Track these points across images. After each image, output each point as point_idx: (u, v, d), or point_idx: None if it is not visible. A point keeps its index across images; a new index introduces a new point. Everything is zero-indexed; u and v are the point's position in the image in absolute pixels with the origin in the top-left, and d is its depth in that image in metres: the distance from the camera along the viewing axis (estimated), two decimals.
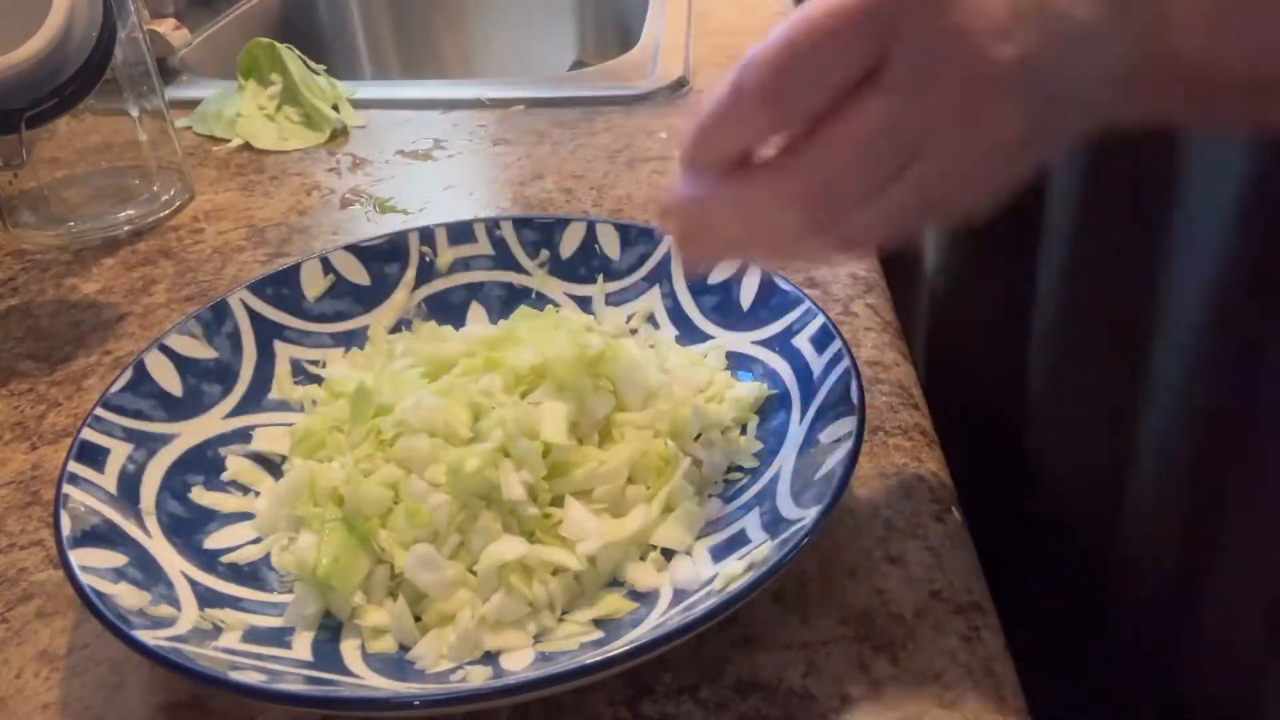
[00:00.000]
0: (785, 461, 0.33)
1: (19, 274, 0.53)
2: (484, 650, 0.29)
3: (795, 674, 0.29)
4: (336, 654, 0.29)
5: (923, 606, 0.31)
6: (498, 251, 0.44)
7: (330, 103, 0.69)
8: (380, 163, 0.63)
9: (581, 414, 0.34)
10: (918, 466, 0.36)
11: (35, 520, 0.36)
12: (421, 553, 0.30)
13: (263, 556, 0.33)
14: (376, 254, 0.43)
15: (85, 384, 0.43)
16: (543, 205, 0.56)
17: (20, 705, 0.29)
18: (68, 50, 0.43)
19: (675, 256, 0.42)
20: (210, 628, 0.28)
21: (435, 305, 0.43)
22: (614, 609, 0.30)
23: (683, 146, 0.27)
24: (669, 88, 0.72)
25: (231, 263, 0.52)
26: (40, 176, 0.57)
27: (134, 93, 0.57)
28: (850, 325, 0.44)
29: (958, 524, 0.34)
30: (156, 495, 0.33)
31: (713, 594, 0.28)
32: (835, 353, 0.35)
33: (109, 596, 0.27)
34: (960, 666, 0.29)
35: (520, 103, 0.71)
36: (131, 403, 0.35)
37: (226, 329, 0.39)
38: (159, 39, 0.73)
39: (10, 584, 0.33)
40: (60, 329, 0.48)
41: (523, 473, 0.31)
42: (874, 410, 0.39)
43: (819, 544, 0.33)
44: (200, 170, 0.63)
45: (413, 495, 0.31)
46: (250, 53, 0.70)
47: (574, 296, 0.43)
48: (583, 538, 0.31)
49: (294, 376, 0.39)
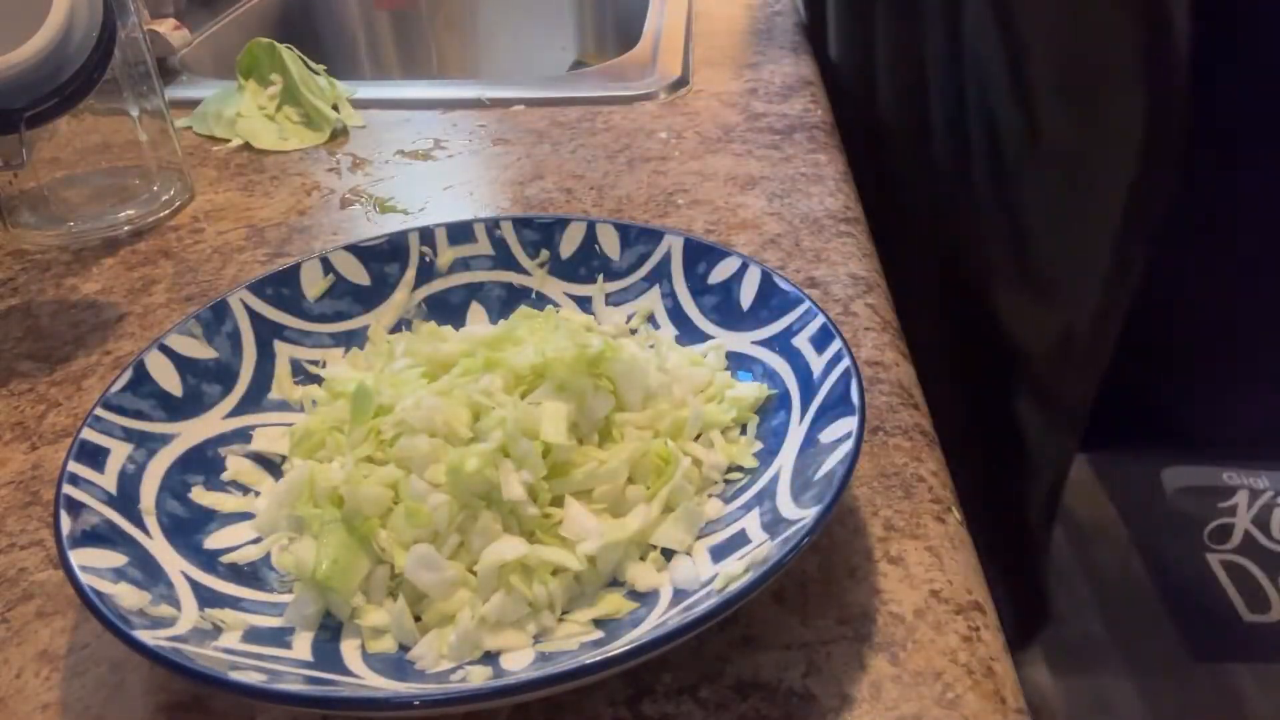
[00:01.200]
0: (785, 461, 0.33)
1: (19, 274, 0.53)
2: (484, 650, 0.29)
3: (795, 674, 0.29)
4: (336, 654, 0.29)
5: (923, 606, 0.31)
6: (498, 251, 0.44)
7: (330, 103, 0.69)
8: (380, 163, 0.63)
9: (581, 414, 0.34)
10: (918, 466, 0.36)
11: (35, 520, 0.36)
12: (421, 553, 0.30)
13: (263, 556, 0.33)
14: (376, 254, 0.43)
15: (85, 384, 0.43)
16: (543, 205, 0.56)
17: (20, 705, 0.29)
18: (68, 50, 0.43)
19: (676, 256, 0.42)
20: (210, 628, 0.28)
21: (435, 305, 0.43)
22: (614, 609, 0.30)
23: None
24: (669, 88, 0.72)
25: (231, 263, 0.52)
26: (40, 176, 0.57)
27: (134, 93, 0.57)
28: (850, 325, 0.44)
29: (958, 524, 0.34)
30: (156, 495, 0.33)
31: (713, 594, 0.28)
32: (835, 353, 0.35)
33: (109, 596, 0.27)
34: (960, 666, 0.29)
35: (520, 103, 0.71)
36: (131, 403, 0.35)
37: (226, 329, 0.39)
38: (159, 39, 0.73)
39: (10, 584, 0.33)
40: (60, 329, 0.48)
41: (523, 473, 0.31)
42: (874, 410, 0.39)
43: (819, 544, 0.33)
44: (200, 170, 0.63)
45: (413, 495, 0.31)
46: (250, 53, 0.70)
47: (574, 296, 0.43)
48: (583, 538, 0.31)
49: (294, 376, 0.39)
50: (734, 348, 0.39)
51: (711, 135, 0.64)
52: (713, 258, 0.41)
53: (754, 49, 0.80)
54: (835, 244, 0.51)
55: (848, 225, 0.53)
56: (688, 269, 0.42)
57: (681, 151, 0.62)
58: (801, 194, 0.56)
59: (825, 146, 0.62)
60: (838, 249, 0.50)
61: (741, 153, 0.62)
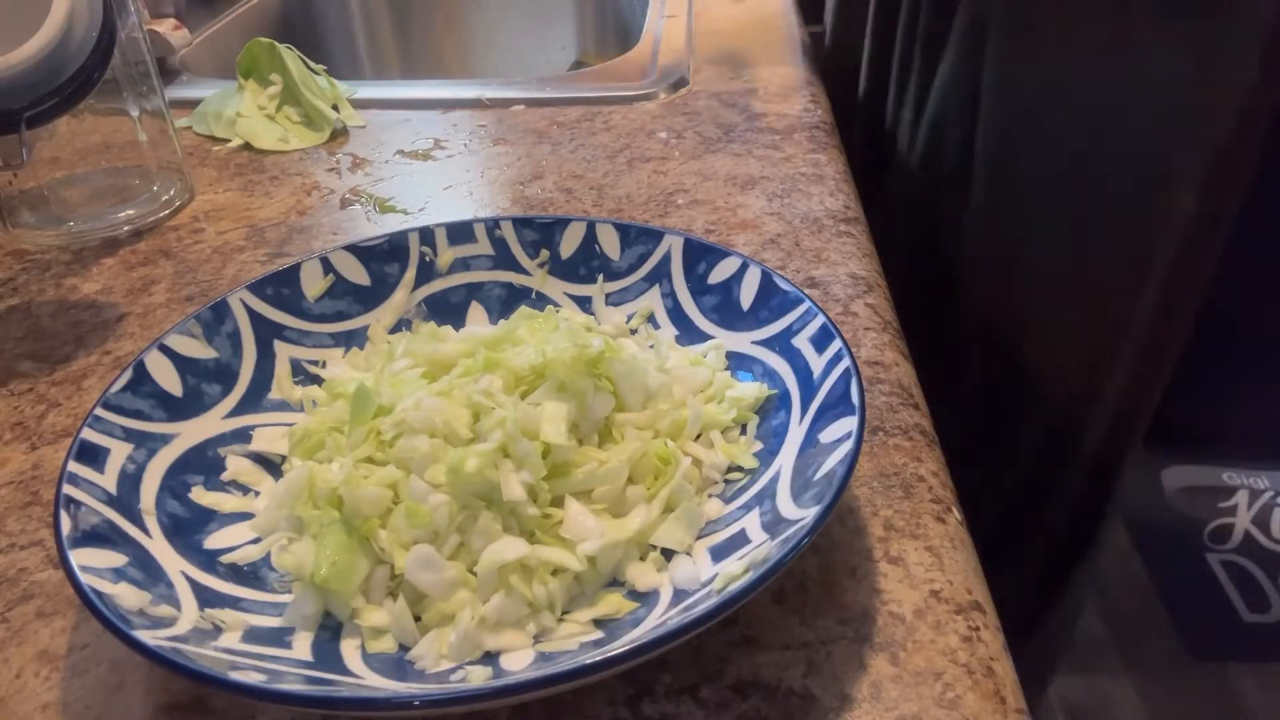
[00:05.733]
0: (785, 461, 0.33)
1: (19, 274, 0.53)
2: (484, 650, 0.29)
3: (795, 674, 0.29)
4: (336, 654, 0.29)
5: (923, 606, 0.31)
6: (498, 251, 0.44)
7: (330, 103, 0.69)
8: (380, 163, 0.63)
9: (581, 414, 0.34)
10: (918, 466, 0.36)
11: (35, 520, 0.36)
12: (421, 553, 0.30)
13: (263, 556, 0.33)
14: (376, 254, 0.43)
15: (85, 384, 0.43)
16: (543, 205, 0.56)
17: (20, 705, 0.29)
18: (68, 50, 0.43)
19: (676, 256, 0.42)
20: (210, 628, 0.28)
21: (435, 305, 0.43)
22: (614, 609, 0.30)
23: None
24: (669, 88, 0.72)
25: (231, 263, 0.52)
26: (40, 176, 0.57)
27: (134, 93, 0.57)
28: (850, 325, 0.44)
29: (958, 524, 0.34)
30: (156, 495, 0.33)
31: (713, 594, 0.28)
32: (835, 353, 0.35)
33: (109, 596, 0.27)
34: (960, 666, 0.29)
35: (520, 103, 0.71)
36: (131, 403, 0.35)
37: (226, 329, 0.39)
38: (159, 39, 0.73)
39: (10, 584, 0.33)
40: (60, 329, 0.48)
41: (523, 473, 0.31)
42: (874, 410, 0.39)
43: (819, 544, 0.33)
44: (200, 170, 0.63)
45: (413, 495, 0.31)
46: (250, 53, 0.70)
47: (574, 296, 0.43)
48: (583, 538, 0.31)
49: (294, 377, 0.39)
50: (734, 348, 0.39)
51: (711, 135, 0.64)
52: (713, 258, 0.41)
53: (754, 49, 0.80)
54: (835, 244, 0.51)
55: (848, 225, 0.53)
56: (688, 269, 0.42)
57: (681, 151, 0.62)
58: (801, 194, 0.56)
59: (825, 146, 0.62)
60: (838, 249, 0.50)
61: (741, 153, 0.62)
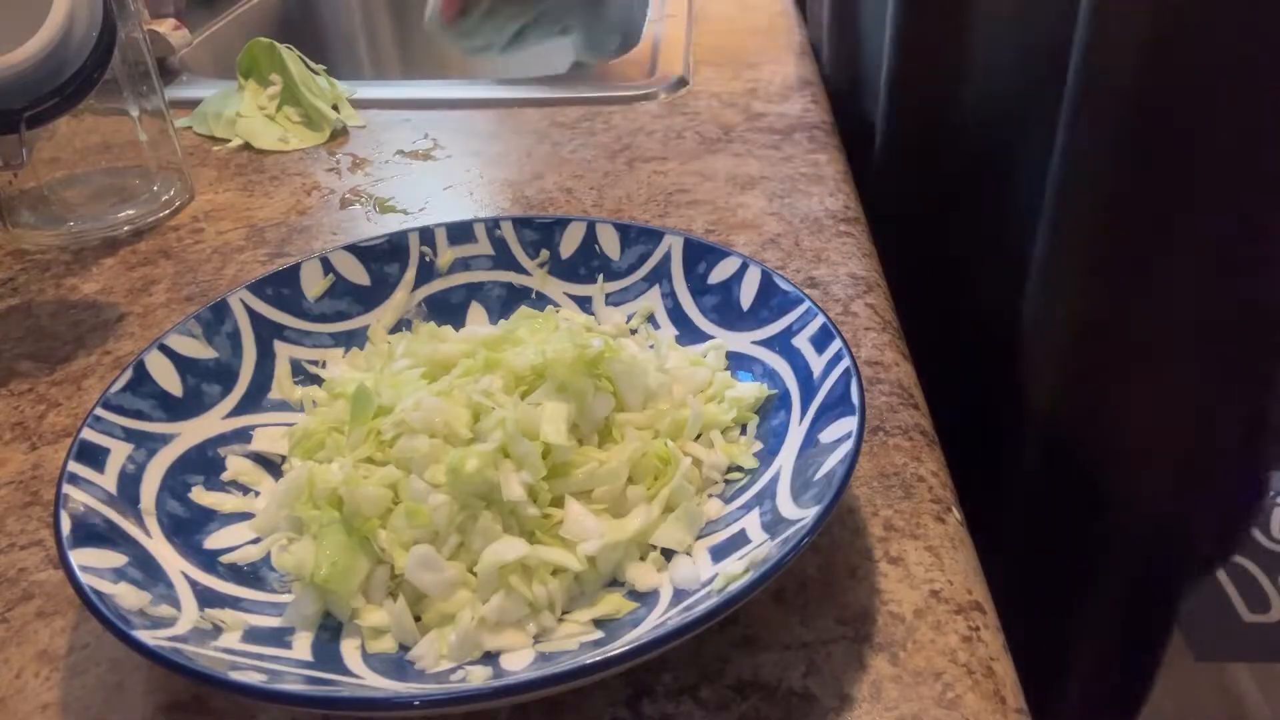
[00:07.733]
0: (785, 461, 0.33)
1: (19, 274, 0.53)
2: (484, 650, 0.29)
3: (795, 674, 0.29)
4: (336, 654, 0.29)
5: (923, 606, 0.31)
6: (498, 251, 0.44)
7: (330, 103, 0.69)
8: (380, 163, 0.63)
9: (581, 414, 0.34)
10: (918, 466, 0.36)
11: (35, 520, 0.36)
12: (421, 553, 0.30)
13: (263, 557, 0.33)
14: (376, 254, 0.43)
15: (85, 384, 0.43)
16: (543, 205, 0.56)
17: (20, 705, 0.29)
18: (68, 50, 0.43)
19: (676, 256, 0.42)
20: (210, 628, 0.28)
21: (435, 305, 0.43)
22: (614, 609, 0.30)
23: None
24: (669, 88, 0.72)
25: (231, 263, 0.52)
26: (40, 176, 0.57)
27: (134, 93, 0.57)
28: (850, 325, 0.44)
29: (958, 524, 0.34)
30: (156, 495, 0.33)
31: (713, 594, 0.28)
32: (835, 353, 0.35)
33: (109, 596, 0.27)
34: (960, 666, 0.29)
35: (520, 103, 0.71)
36: (131, 403, 0.35)
37: (226, 329, 0.39)
38: (159, 39, 0.73)
39: (10, 584, 0.33)
40: (60, 329, 0.48)
41: (523, 473, 0.31)
42: (874, 410, 0.39)
43: (819, 544, 0.33)
44: (200, 170, 0.63)
45: (412, 495, 0.31)
46: (250, 53, 0.70)
47: (574, 296, 0.43)
48: (583, 538, 0.31)
49: (294, 377, 0.39)
50: (734, 348, 0.39)
51: (711, 135, 0.64)
52: (713, 258, 0.41)
53: (754, 49, 0.80)
54: (835, 244, 0.51)
55: (848, 225, 0.53)
56: (688, 269, 0.42)
57: (681, 151, 0.62)
58: (801, 194, 0.56)
59: (825, 146, 0.62)
60: (838, 249, 0.50)
61: (741, 153, 0.62)
